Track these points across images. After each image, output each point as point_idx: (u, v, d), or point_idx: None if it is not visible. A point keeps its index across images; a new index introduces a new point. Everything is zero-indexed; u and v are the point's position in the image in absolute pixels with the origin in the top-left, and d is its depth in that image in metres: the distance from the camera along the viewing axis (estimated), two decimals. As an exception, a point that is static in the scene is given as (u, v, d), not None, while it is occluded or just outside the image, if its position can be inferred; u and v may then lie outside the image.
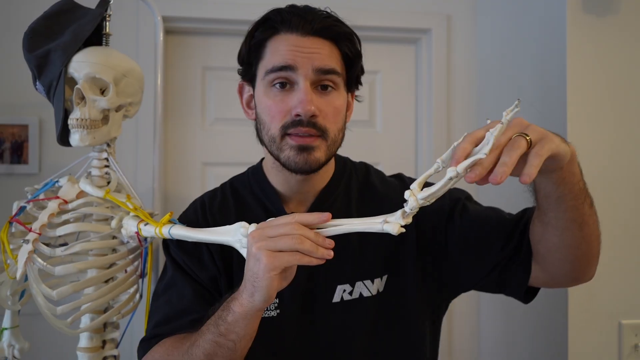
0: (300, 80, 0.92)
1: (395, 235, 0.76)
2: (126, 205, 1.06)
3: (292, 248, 0.75)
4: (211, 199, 1.08)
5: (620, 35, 1.43)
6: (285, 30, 0.94)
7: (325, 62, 0.93)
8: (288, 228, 0.77)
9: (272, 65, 0.93)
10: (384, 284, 1.02)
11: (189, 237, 0.95)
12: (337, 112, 0.95)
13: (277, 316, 0.98)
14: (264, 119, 0.96)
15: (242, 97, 1.05)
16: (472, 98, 1.92)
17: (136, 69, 1.12)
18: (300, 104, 0.90)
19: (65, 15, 1.10)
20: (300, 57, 0.92)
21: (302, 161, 0.93)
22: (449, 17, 1.90)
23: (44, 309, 1.03)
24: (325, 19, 0.95)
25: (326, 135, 0.93)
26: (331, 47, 0.95)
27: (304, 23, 0.93)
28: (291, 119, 0.91)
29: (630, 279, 1.42)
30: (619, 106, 1.43)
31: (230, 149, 1.82)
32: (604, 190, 1.41)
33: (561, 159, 0.74)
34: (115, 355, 1.16)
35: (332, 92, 0.95)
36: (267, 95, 0.94)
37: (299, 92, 0.91)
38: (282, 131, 0.93)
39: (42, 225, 1.04)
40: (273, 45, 0.95)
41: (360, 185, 1.08)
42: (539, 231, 0.90)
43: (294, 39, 0.93)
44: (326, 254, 0.76)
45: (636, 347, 1.41)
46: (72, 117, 1.04)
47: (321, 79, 0.93)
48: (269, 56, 0.95)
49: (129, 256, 1.11)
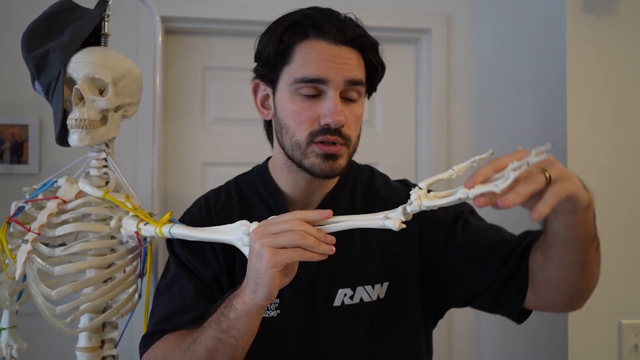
0: (331, 91, 0.92)
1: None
2: (125, 205, 1.06)
3: (294, 244, 0.76)
4: (216, 197, 1.09)
5: (620, 35, 1.43)
6: (317, 37, 0.93)
7: (355, 73, 0.94)
8: (290, 224, 0.78)
9: (304, 75, 0.92)
10: (385, 290, 1.02)
11: (189, 236, 0.95)
12: (358, 120, 0.97)
13: (277, 316, 0.98)
14: (287, 124, 0.96)
15: (256, 95, 1.04)
16: (472, 98, 1.92)
17: (135, 69, 1.12)
18: (331, 114, 0.91)
19: (64, 16, 1.10)
20: (332, 69, 0.91)
21: (328, 168, 0.94)
22: (449, 17, 1.90)
23: (43, 309, 1.03)
24: (355, 29, 0.95)
25: (349, 143, 0.95)
26: (358, 57, 0.95)
27: (335, 31, 0.92)
28: (319, 127, 0.92)
29: (630, 279, 1.42)
30: (619, 106, 1.43)
31: (230, 149, 1.82)
32: (604, 190, 1.41)
33: (578, 203, 0.74)
34: (114, 355, 1.16)
35: (356, 102, 0.96)
36: (294, 102, 0.94)
37: (328, 102, 0.92)
38: (309, 138, 0.93)
39: (41, 225, 1.04)
40: (303, 52, 0.93)
41: (364, 189, 1.09)
42: (540, 261, 0.90)
43: (326, 47, 0.92)
44: (328, 249, 0.77)
45: (636, 347, 1.41)
46: (71, 117, 1.04)
47: (349, 89, 0.94)
48: (298, 63, 0.93)
49: (128, 256, 1.11)
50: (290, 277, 0.82)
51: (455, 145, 1.91)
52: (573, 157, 1.40)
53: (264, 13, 1.76)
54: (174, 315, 0.97)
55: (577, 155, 1.40)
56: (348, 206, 1.05)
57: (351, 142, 0.96)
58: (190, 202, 1.14)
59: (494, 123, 1.82)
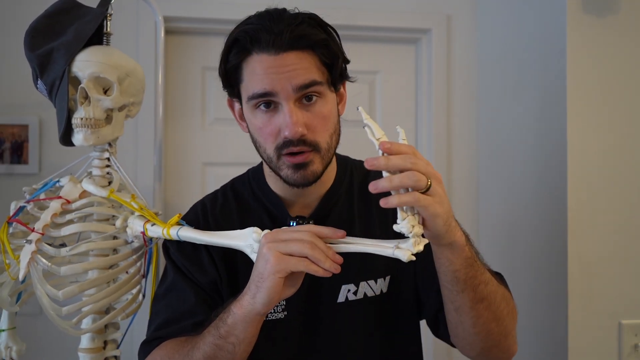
0: (283, 102, 0.90)
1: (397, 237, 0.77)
2: (131, 205, 1.05)
3: (302, 253, 0.76)
4: (212, 202, 1.07)
5: (620, 36, 1.43)
6: (257, 51, 0.90)
7: (304, 77, 0.90)
8: (302, 235, 0.78)
9: (252, 92, 0.91)
10: (387, 284, 1.02)
11: (198, 239, 0.95)
12: (325, 120, 0.94)
13: (284, 318, 0.98)
14: (257, 139, 0.96)
15: (233, 110, 1.04)
16: (472, 98, 1.92)
17: (138, 68, 1.12)
18: (287, 128, 0.89)
19: (67, 14, 1.09)
20: (277, 80, 0.89)
21: (300, 178, 0.93)
22: (449, 17, 1.90)
23: (49, 310, 1.03)
24: (296, 27, 0.90)
25: (318, 147, 0.93)
26: (308, 57, 0.91)
27: (274, 39, 0.89)
28: (282, 140, 0.91)
29: (630, 279, 1.42)
30: (619, 106, 1.43)
31: (230, 149, 1.82)
32: (604, 190, 1.41)
33: (437, 227, 0.75)
34: (117, 356, 1.16)
35: (317, 101, 0.93)
36: (255, 117, 0.94)
37: (283, 114, 0.90)
38: (277, 152, 0.93)
39: (45, 225, 1.03)
40: (249, 69, 0.92)
41: (361, 185, 1.08)
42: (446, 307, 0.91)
43: (267, 59, 0.89)
44: (333, 267, 0.77)
45: (636, 347, 1.41)
46: (77, 116, 1.03)
47: (304, 93, 0.91)
48: (247, 80, 0.92)
49: (132, 256, 1.11)
50: (293, 290, 0.81)
51: (455, 145, 1.92)
52: (573, 157, 1.40)
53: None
54: (172, 322, 0.97)
55: (577, 155, 1.40)
56: (345, 203, 1.05)
57: (320, 147, 0.93)
58: (190, 202, 1.13)
59: (494, 123, 1.82)
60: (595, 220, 1.41)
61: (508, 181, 1.72)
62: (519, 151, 1.65)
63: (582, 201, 1.40)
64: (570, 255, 1.39)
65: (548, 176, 1.49)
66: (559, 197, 1.43)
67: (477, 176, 1.92)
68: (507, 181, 1.72)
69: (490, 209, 1.84)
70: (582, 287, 1.39)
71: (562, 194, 1.41)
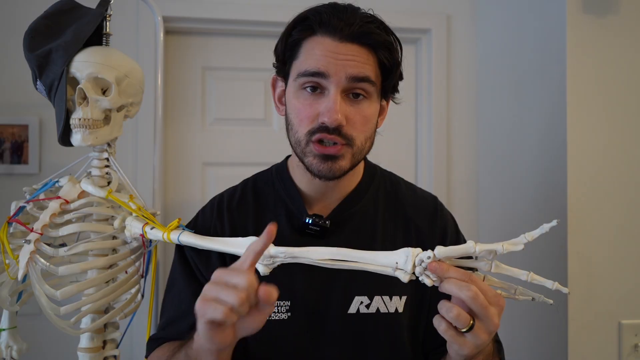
0: (332, 88, 0.89)
1: None
2: (129, 206, 1.06)
3: (227, 303, 0.67)
4: (230, 197, 1.07)
5: (620, 36, 1.43)
6: (323, 33, 0.91)
7: (360, 69, 0.90)
8: (239, 279, 0.67)
9: (305, 69, 0.91)
10: (403, 304, 0.99)
11: (198, 245, 0.95)
12: (366, 120, 0.93)
13: (287, 319, 0.96)
14: (292, 120, 0.95)
15: (274, 91, 1.03)
16: (472, 98, 1.92)
17: (137, 69, 1.12)
18: (328, 113, 0.88)
19: (66, 15, 1.09)
20: (333, 64, 0.89)
21: (325, 169, 0.92)
22: (449, 17, 1.90)
23: (47, 309, 1.03)
24: (367, 24, 0.91)
25: (352, 143, 0.92)
26: (368, 55, 0.91)
27: (342, 26, 0.89)
28: (318, 125, 0.90)
29: (630, 279, 1.42)
30: (619, 106, 1.43)
31: (230, 149, 1.82)
32: (604, 190, 1.41)
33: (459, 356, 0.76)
34: (116, 356, 1.16)
35: (363, 101, 0.92)
36: (297, 98, 0.93)
37: (328, 99, 0.89)
38: (307, 137, 0.92)
39: (44, 225, 1.03)
40: (308, 47, 0.92)
41: (388, 198, 1.07)
42: None
43: (330, 43, 0.90)
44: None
45: (636, 347, 1.41)
46: (75, 117, 1.04)
47: (353, 86, 0.91)
48: (302, 58, 0.92)
49: (131, 256, 1.11)
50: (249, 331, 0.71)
51: (455, 146, 1.92)
52: (573, 157, 1.40)
53: (264, 13, 1.77)
54: (171, 323, 0.98)
55: (577, 155, 1.40)
56: (370, 211, 1.03)
57: (354, 143, 0.92)
58: (190, 202, 1.14)
59: (494, 123, 1.82)
60: (595, 221, 1.41)
61: (508, 181, 1.72)
62: (519, 151, 1.65)
63: (582, 201, 1.40)
64: (570, 255, 1.39)
65: (548, 176, 1.49)
66: (559, 197, 1.43)
67: (477, 176, 1.92)
68: (507, 181, 1.72)
69: (490, 209, 1.84)
70: (582, 287, 1.39)
71: (562, 194, 1.41)
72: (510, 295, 0.82)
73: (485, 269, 0.78)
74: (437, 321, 0.74)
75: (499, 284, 0.81)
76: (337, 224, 0.99)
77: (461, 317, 0.72)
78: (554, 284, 0.76)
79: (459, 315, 0.72)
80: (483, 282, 0.76)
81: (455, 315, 0.72)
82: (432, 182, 1.87)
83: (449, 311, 0.72)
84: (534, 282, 0.78)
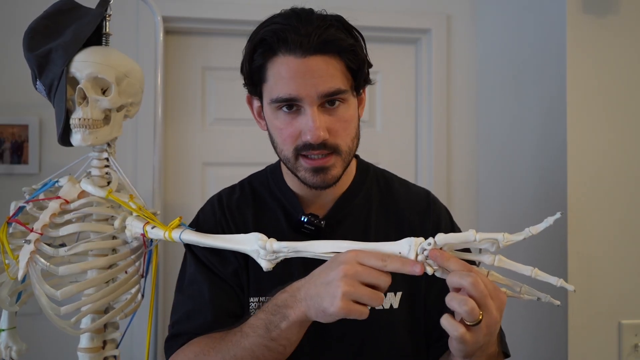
0: (307, 107, 0.90)
1: None
2: (129, 206, 1.05)
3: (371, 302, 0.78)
4: (229, 194, 1.08)
5: (620, 36, 1.43)
6: (284, 52, 0.89)
7: (329, 85, 0.89)
8: (380, 279, 0.77)
9: (277, 96, 0.90)
10: (398, 300, 1.00)
11: (200, 242, 0.95)
12: (347, 124, 0.94)
13: None
14: (275, 139, 0.96)
15: (252, 107, 1.04)
16: (472, 98, 1.92)
17: (137, 69, 1.12)
18: (310, 132, 0.89)
19: (65, 15, 1.09)
20: (303, 86, 0.88)
21: (319, 181, 0.93)
22: (449, 17, 1.90)
23: (47, 309, 1.03)
24: (325, 30, 0.89)
25: (339, 150, 0.93)
26: (334, 62, 0.90)
27: (301, 41, 0.88)
28: (302, 142, 0.91)
29: (630, 279, 1.42)
30: (619, 106, 1.43)
31: (230, 149, 1.82)
32: (604, 190, 1.41)
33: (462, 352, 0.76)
34: (116, 356, 1.16)
35: (340, 106, 0.92)
36: (276, 118, 0.93)
37: (306, 118, 0.90)
38: (295, 153, 0.93)
39: (44, 225, 1.03)
40: (275, 70, 0.91)
41: (381, 195, 1.07)
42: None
43: (294, 61, 0.88)
44: None
45: (636, 347, 1.41)
46: (74, 117, 1.04)
47: (328, 99, 0.91)
48: (272, 82, 0.92)
49: (131, 256, 1.11)
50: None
51: (455, 145, 1.92)
52: (573, 157, 1.40)
53: (264, 13, 1.76)
54: (194, 315, 0.97)
55: (577, 155, 1.40)
56: (363, 209, 1.04)
57: (341, 150, 0.93)
58: (190, 202, 1.14)
59: (494, 123, 1.82)
60: (595, 220, 1.41)
61: (508, 181, 1.72)
62: (519, 151, 1.65)
63: (582, 201, 1.40)
64: (570, 255, 1.39)
65: (548, 176, 1.49)
66: (558, 197, 1.42)
67: (477, 176, 1.92)
68: (507, 181, 1.72)
69: (490, 209, 1.84)
70: (582, 287, 1.39)
71: (562, 194, 1.41)
72: (515, 293, 0.81)
73: (489, 262, 0.77)
74: (445, 321, 0.74)
75: (504, 281, 0.81)
76: (331, 225, 1.01)
77: (475, 310, 0.71)
78: (558, 281, 0.76)
79: (474, 309, 0.71)
80: (484, 275, 0.75)
81: (470, 308, 0.70)
82: (432, 182, 1.88)
83: (463, 304, 0.70)
84: (537, 278, 0.76)
